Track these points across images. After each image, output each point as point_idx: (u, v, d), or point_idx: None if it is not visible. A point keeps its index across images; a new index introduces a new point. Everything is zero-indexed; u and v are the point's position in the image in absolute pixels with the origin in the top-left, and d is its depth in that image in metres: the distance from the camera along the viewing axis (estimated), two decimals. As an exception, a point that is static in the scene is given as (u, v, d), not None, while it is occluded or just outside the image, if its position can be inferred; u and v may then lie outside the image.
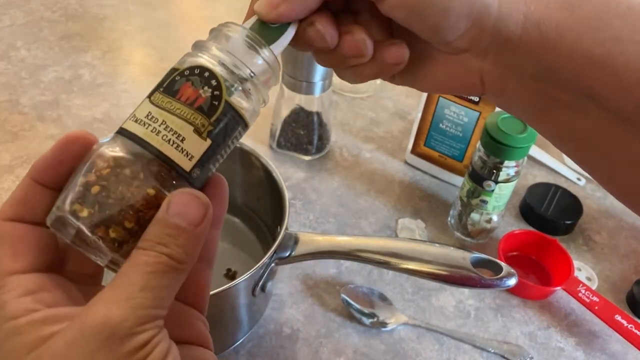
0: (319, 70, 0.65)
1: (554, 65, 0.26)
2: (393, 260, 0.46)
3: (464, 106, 0.65)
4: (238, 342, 0.52)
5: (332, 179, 0.72)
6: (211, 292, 0.42)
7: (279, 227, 0.49)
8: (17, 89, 0.78)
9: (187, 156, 0.24)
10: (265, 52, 0.26)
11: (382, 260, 0.46)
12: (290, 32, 0.28)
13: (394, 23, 0.28)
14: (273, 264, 0.48)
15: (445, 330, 0.55)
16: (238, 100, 0.25)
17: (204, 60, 0.25)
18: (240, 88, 0.25)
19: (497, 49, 0.27)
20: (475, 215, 0.63)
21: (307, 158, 0.74)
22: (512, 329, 0.57)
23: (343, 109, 0.84)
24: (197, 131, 0.24)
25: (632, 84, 0.24)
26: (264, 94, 0.27)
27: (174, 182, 0.24)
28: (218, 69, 0.25)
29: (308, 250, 0.48)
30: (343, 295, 0.56)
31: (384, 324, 0.55)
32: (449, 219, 0.68)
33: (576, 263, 0.63)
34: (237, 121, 0.25)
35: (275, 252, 0.47)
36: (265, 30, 0.28)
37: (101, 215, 0.22)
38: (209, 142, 0.24)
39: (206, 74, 0.25)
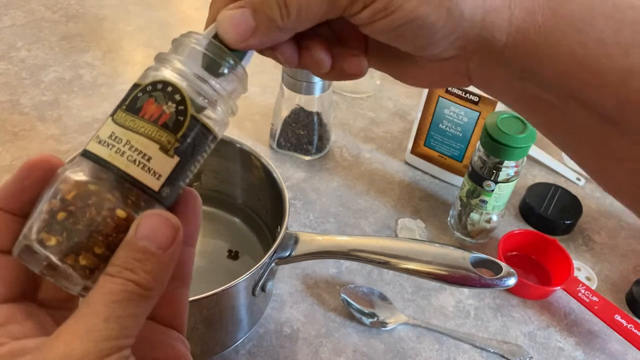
0: (319, 71, 0.65)
1: (538, 67, 0.26)
2: (393, 260, 0.46)
3: (464, 106, 0.65)
4: (238, 342, 0.52)
5: (332, 179, 0.72)
6: (211, 292, 0.42)
7: (279, 227, 0.49)
8: (18, 89, 0.79)
9: (155, 175, 0.23)
10: (230, 62, 0.25)
11: (382, 260, 0.47)
12: (250, 55, 0.27)
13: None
14: (273, 264, 0.48)
15: (445, 330, 0.55)
16: (205, 113, 0.24)
17: (167, 74, 0.24)
18: (206, 101, 0.24)
19: (482, 54, 0.27)
20: (475, 215, 0.63)
21: (307, 158, 0.74)
22: (512, 328, 0.57)
23: (343, 109, 0.84)
24: (164, 149, 0.23)
25: (615, 85, 0.24)
26: (231, 105, 0.26)
27: (143, 203, 0.23)
28: (182, 83, 0.24)
29: (308, 250, 0.49)
30: (343, 295, 0.56)
31: (383, 324, 0.55)
32: (449, 218, 0.68)
33: (576, 263, 0.63)
34: (205, 135, 0.24)
35: (275, 252, 0.47)
36: (221, 52, 0.27)
37: (70, 243, 0.22)
38: (176, 159, 0.23)
39: (169, 88, 0.24)
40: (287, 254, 0.48)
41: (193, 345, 0.31)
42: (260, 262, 0.45)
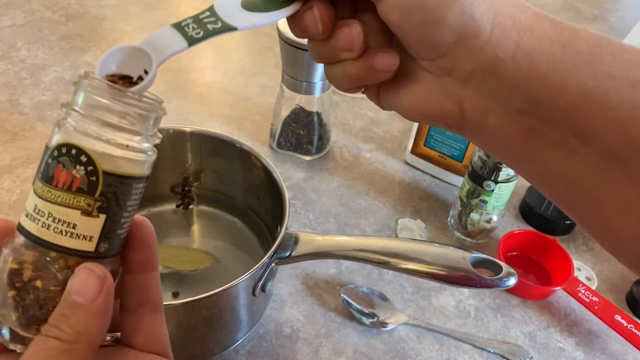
0: (319, 71, 0.65)
1: (544, 97, 0.24)
2: (393, 260, 0.46)
3: (464, 106, 0.65)
4: (238, 342, 0.52)
5: (332, 179, 0.72)
6: (211, 292, 0.42)
7: (279, 227, 0.49)
8: (18, 89, 0.79)
9: (85, 239, 0.23)
10: (132, 100, 0.24)
11: (382, 260, 0.46)
12: (291, 9, 0.28)
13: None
14: (273, 264, 0.48)
15: (445, 330, 0.55)
16: (117, 163, 0.23)
17: (69, 135, 0.23)
18: (116, 148, 0.23)
19: (483, 75, 0.26)
20: (475, 215, 0.63)
21: (307, 158, 0.74)
22: (512, 328, 0.57)
23: (343, 109, 0.84)
24: (86, 213, 0.23)
25: (625, 121, 0.23)
26: (150, 138, 0.25)
27: (73, 265, 0.23)
28: (84, 141, 0.22)
29: (308, 250, 0.48)
30: (343, 295, 0.56)
31: (384, 324, 0.55)
32: (449, 218, 0.68)
33: (576, 263, 0.63)
34: (126, 183, 0.24)
35: (275, 252, 0.47)
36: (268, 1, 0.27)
37: (26, 317, 0.23)
38: (102, 217, 0.23)
39: (73, 151, 0.22)
40: (287, 254, 0.48)
41: (193, 346, 0.31)
42: (260, 262, 0.45)
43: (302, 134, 0.72)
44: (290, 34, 0.61)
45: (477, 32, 0.25)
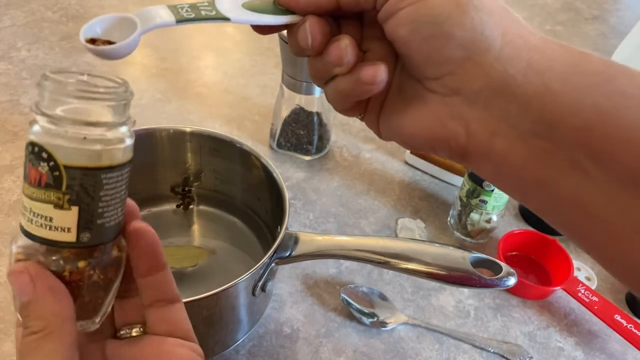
0: (319, 71, 0.65)
1: (557, 117, 0.23)
2: (393, 260, 0.46)
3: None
4: (238, 342, 0.52)
5: (332, 179, 0.72)
6: (211, 292, 0.42)
7: (279, 227, 0.49)
8: (18, 89, 0.79)
9: (64, 230, 0.24)
10: (85, 92, 0.24)
11: (382, 260, 0.47)
12: (288, 18, 0.28)
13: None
14: (273, 264, 0.48)
15: (445, 330, 0.55)
16: (78, 154, 0.24)
17: (33, 134, 0.24)
18: (73, 144, 0.24)
19: (492, 93, 0.25)
20: (474, 215, 0.63)
21: (307, 158, 0.74)
22: (512, 328, 0.57)
23: (343, 109, 0.84)
24: (57, 206, 0.24)
25: None
26: (115, 126, 0.25)
27: (70, 255, 0.25)
28: (44, 139, 0.23)
29: (308, 250, 0.49)
30: (343, 295, 0.56)
31: (383, 324, 0.55)
32: (449, 218, 0.68)
33: (576, 263, 0.63)
34: (92, 174, 0.24)
35: (275, 252, 0.47)
36: (266, 4, 0.28)
37: None
38: (74, 209, 0.24)
39: (36, 149, 0.24)
40: (287, 254, 0.48)
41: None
42: (260, 262, 0.45)
43: (302, 134, 0.72)
44: (290, 34, 0.61)
45: (487, 48, 0.25)
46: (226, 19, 0.27)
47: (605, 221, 0.24)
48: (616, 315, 0.56)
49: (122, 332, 0.28)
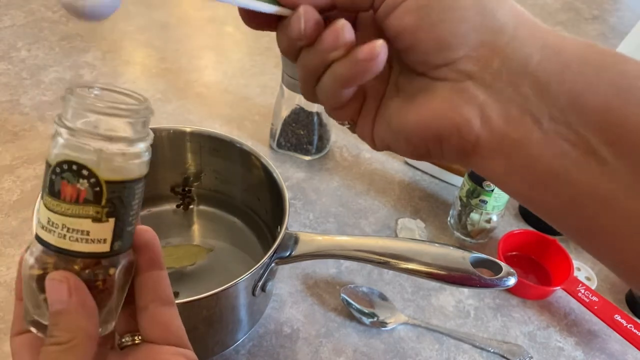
0: (319, 71, 0.65)
1: (575, 98, 0.23)
2: (393, 260, 0.46)
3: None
4: (238, 342, 0.52)
5: (332, 179, 0.72)
6: (211, 292, 0.42)
7: (279, 227, 0.49)
8: (18, 89, 0.79)
9: (100, 242, 0.25)
10: (121, 106, 0.24)
11: (381, 260, 0.47)
12: (279, 8, 0.27)
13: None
14: (273, 264, 0.48)
15: (445, 329, 0.55)
16: (118, 169, 0.25)
17: (66, 151, 0.24)
18: (114, 160, 0.24)
19: (509, 76, 0.24)
20: (474, 215, 0.63)
21: (307, 158, 0.74)
22: (512, 328, 0.57)
23: (343, 109, 0.84)
24: (96, 220, 0.25)
25: None
26: (143, 139, 0.26)
27: (103, 263, 0.26)
28: (82, 157, 0.24)
29: (308, 250, 0.49)
30: (343, 295, 0.56)
31: (383, 324, 0.55)
32: (449, 218, 0.68)
33: (576, 263, 0.63)
34: (129, 186, 0.25)
35: (275, 252, 0.47)
36: None
37: None
38: (112, 220, 0.25)
39: (74, 167, 0.24)
40: (287, 254, 0.48)
41: (193, 345, 0.31)
42: (260, 262, 0.45)
43: (302, 134, 0.72)
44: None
45: (501, 29, 0.24)
46: None
47: (624, 214, 0.22)
48: (616, 315, 0.56)
49: (124, 340, 0.29)
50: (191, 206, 0.63)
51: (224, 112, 0.80)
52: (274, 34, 0.29)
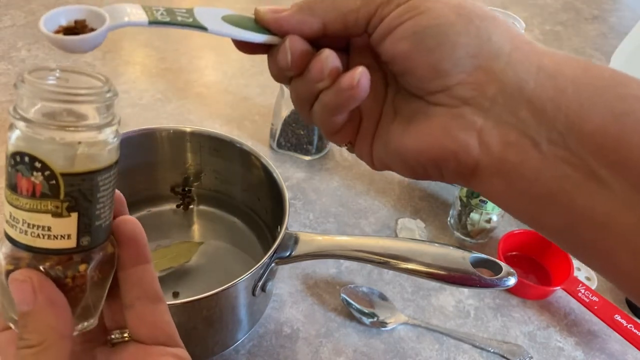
0: (319, 71, 0.65)
1: (572, 122, 0.22)
2: (393, 261, 0.46)
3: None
4: (238, 342, 0.52)
5: (332, 179, 0.72)
6: (211, 292, 0.42)
7: (279, 227, 0.49)
8: (18, 89, 0.79)
9: (64, 238, 0.23)
10: (71, 96, 0.23)
11: (381, 260, 0.47)
12: (268, 37, 0.27)
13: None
14: (273, 264, 0.48)
15: (445, 329, 0.55)
16: (75, 160, 0.23)
17: (19, 142, 0.22)
18: (69, 150, 0.22)
19: (505, 102, 0.24)
20: (474, 215, 0.63)
21: (307, 158, 0.74)
22: (512, 328, 0.57)
23: (343, 109, 0.84)
24: (56, 215, 0.23)
25: None
26: (104, 127, 0.23)
27: (74, 259, 0.24)
28: (35, 147, 0.22)
29: (308, 250, 0.49)
30: (343, 295, 0.56)
31: (383, 324, 0.55)
32: (449, 218, 0.68)
33: (576, 263, 0.63)
34: (90, 178, 0.23)
35: (275, 252, 0.47)
36: (248, 22, 0.28)
37: None
38: (74, 215, 0.23)
39: (26, 158, 0.22)
40: (287, 254, 0.48)
41: (193, 345, 0.31)
42: (260, 262, 0.45)
43: (302, 134, 0.72)
44: (290, 34, 0.61)
45: (496, 54, 0.24)
46: (203, 28, 0.26)
47: (622, 234, 0.22)
48: (616, 315, 0.56)
49: (113, 337, 0.27)
50: (191, 206, 0.63)
51: (224, 112, 0.80)
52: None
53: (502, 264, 0.46)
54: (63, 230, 0.23)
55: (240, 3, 1.06)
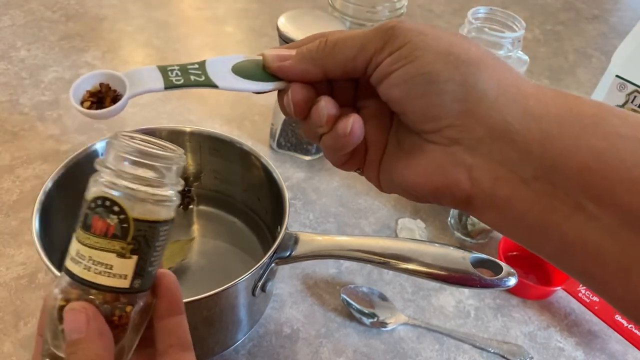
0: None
1: (557, 160, 0.24)
2: (393, 261, 0.46)
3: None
4: (238, 342, 0.52)
5: (332, 179, 0.72)
6: (211, 292, 0.42)
7: (279, 227, 0.49)
8: (17, 89, 0.79)
9: (121, 277, 0.27)
10: (156, 156, 0.27)
11: (382, 261, 0.46)
12: (275, 85, 0.30)
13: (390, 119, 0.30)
14: (273, 264, 0.48)
15: (445, 330, 0.55)
16: (147, 209, 0.27)
17: (103, 189, 0.26)
18: (144, 200, 0.26)
19: (492, 142, 0.25)
20: (475, 215, 0.63)
21: (307, 158, 0.74)
22: (512, 328, 0.57)
23: (343, 109, 0.84)
24: (120, 255, 0.26)
25: None
26: (173, 185, 0.28)
27: (121, 299, 0.27)
28: (115, 194, 0.26)
29: (308, 250, 0.48)
30: (343, 295, 0.56)
31: (384, 324, 0.55)
32: (449, 218, 0.68)
33: (576, 263, 0.63)
34: (154, 227, 0.27)
35: (275, 252, 0.47)
36: (256, 69, 0.30)
37: None
38: (134, 257, 0.27)
39: (107, 203, 0.26)
40: (287, 254, 0.48)
41: (193, 345, 0.31)
42: (260, 262, 0.45)
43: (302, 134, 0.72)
44: (289, 34, 0.61)
45: (481, 99, 0.25)
46: (214, 86, 0.29)
47: (612, 260, 0.23)
48: (617, 316, 0.56)
49: None
50: (191, 206, 0.63)
51: (224, 112, 0.80)
52: (273, 33, 0.31)
53: (503, 264, 0.46)
54: (122, 270, 0.26)
55: (240, 1, 1.06)
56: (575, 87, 0.96)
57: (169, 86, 0.28)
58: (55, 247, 0.45)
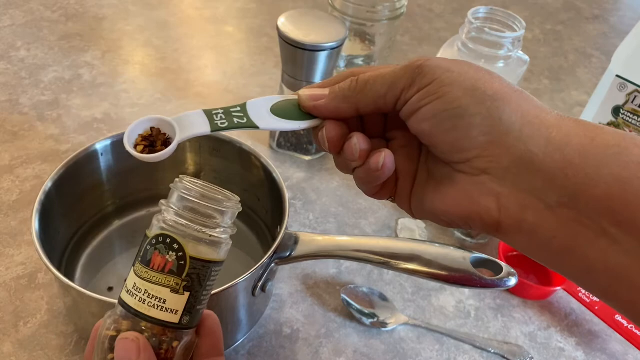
0: (319, 71, 0.65)
1: (580, 189, 0.25)
2: (393, 261, 0.46)
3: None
4: (238, 342, 0.52)
5: (332, 179, 0.72)
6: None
7: (279, 227, 0.49)
8: (17, 89, 0.78)
9: (172, 312, 0.28)
10: (216, 201, 0.29)
11: (382, 261, 0.46)
12: (312, 122, 0.32)
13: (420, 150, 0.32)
14: (273, 264, 0.48)
15: (445, 330, 0.55)
16: (203, 249, 0.29)
17: (165, 226, 0.29)
18: (201, 239, 0.29)
19: (518, 171, 0.27)
20: (475, 215, 0.63)
21: (307, 158, 0.74)
22: (512, 329, 0.57)
23: (343, 109, 0.84)
24: (174, 290, 0.28)
25: None
26: (228, 229, 0.30)
27: (169, 334, 0.29)
28: (177, 233, 0.28)
29: (308, 250, 0.48)
30: (343, 295, 0.56)
31: (384, 324, 0.55)
32: (449, 219, 0.67)
33: (576, 263, 0.63)
34: (207, 266, 0.29)
35: (275, 252, 0.47)
36: (292, 108, 0.32)
37: None
38: (187, 294, 0.28)
39: (168, 240, 0.28)
40: (287, 254, 0.48)
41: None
42: (260, 262, 0.45)
43: (302, 134, 0.72)
44: (290, 34, 0.61)
45: (507, 131, 0.27)
46: (255, 127, 0.31)
47: (636, 281, 0.24)
48: (617, 316, 0.56)
49: None
50: (191, 206, 0.63)
51: (223, 112, 0.80)
52: (273, 33, 0.31)
53: (503, 264, 0.46)
54: (174, 305, 0.28)
55: (240, 1, 1.06)
56: (575, 87, 0.96)
57: (215, 129, 0.30)
58: (54, 247, 0.45)
